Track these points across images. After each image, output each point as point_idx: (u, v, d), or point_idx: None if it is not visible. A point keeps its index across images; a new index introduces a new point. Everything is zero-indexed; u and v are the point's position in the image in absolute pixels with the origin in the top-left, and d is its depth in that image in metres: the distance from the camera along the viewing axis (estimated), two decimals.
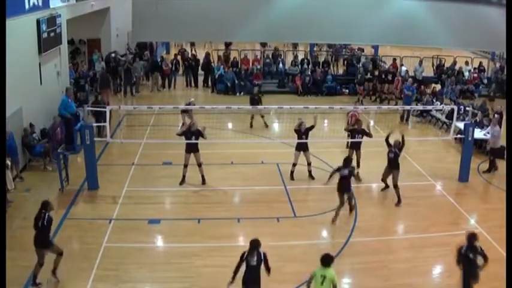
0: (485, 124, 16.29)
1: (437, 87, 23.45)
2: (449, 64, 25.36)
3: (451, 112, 15.74)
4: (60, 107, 15.55)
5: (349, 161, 11.79)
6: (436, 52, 26.18)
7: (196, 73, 24.61)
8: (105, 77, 20.96)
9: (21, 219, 11.13)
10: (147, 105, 17.01)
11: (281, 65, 25.15)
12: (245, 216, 11.57)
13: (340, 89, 23.73)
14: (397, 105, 20.54)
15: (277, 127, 18.61)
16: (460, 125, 15.40)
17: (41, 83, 15.37)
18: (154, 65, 23.95)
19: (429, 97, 19.90)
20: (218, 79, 23.53)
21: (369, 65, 24.18)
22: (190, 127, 13.05)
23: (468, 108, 17.86)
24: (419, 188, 13.44)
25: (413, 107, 18.69)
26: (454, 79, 23.38)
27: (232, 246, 10.12)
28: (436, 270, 9.80)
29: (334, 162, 13.98)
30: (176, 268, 9.59)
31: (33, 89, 14.69)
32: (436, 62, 26.01)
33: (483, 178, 14.30)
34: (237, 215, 11.65)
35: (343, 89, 23.73)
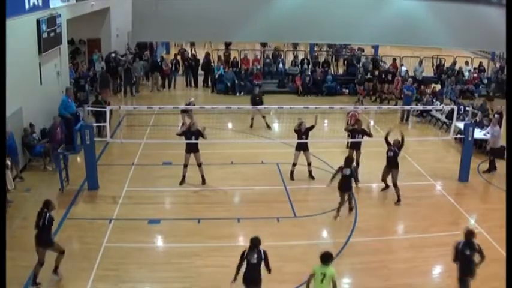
0: (485, 124, 16.29)
1: (437, 87, 23.45)
2: (449, 64, 25.36)
3: (451, 112, 15.74)
4: (60, 107, 15.57)
5: (350, 161, 11.93)
6: (436, 52, 26.17)
7: (196, 73, 24.61)
8: (105, 76, 21.00)
9: (21, 219, 11.14)
10: (147, 105, 17.02)
11: (281, 65, 25.15)
12: (245, 216, 11.57)
13: (340, 89, 23.73)
14: (397, 105, 20.53)
15: (277, 127, 18.60)
16: (460, 125, 15.40)
17: (41, 83, 15.37)
18: (154, 65, 23.96)
19: (429, 97, 19.90)
20: (218, 79, 23.53)
21: (369, 65, 24.17)
22: (190, 127, 13.05)
23: (468, 108, 17.86)
24: (419, 188, 13.44)
25: (413, 107, 18.69)
26: (454, 79, 23.39)
27: (232, 246, 10.12)
28: (436, 270, 9.80)
29: (334, 162, 14.01)
30: (176, 268, 9.59)
31: (33, 89, 14.69)
32: (436, 62, 26.01)
33: (483, 178, 14.30)
34: (237, 215, 11.65)
35: (343, 89, 23.73)
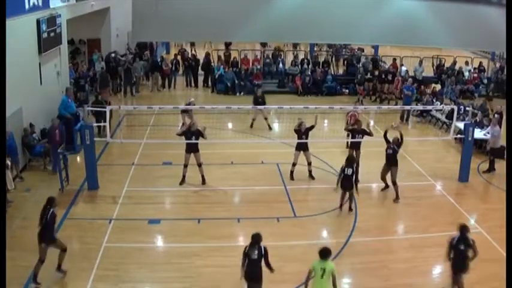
0: (485, 124, 16.29)
1: (437, 87, 23.45)
2: (449, 64, 25.35)
3: (451, 112, 15.73)
4: (60, 107, 15.56)
5: (352, 160, 12.05)
6: (436, 52, 26.16)
7: (196, 73, 24.61)
8: (105, 76, 21.00)
9: (21, 219, 11.15)
10: (147, 105, 17.01)
11: (281, 65, 25.15)
12: (245, 216, 11.56)
13: (340, 89, 23.73)
14: (397, 105, 20.52)
15: (277, 127, 18.59)
16: (460, 125, 15.40)
17: (41, 83, 15.38)
18: (154, 65, 23.96)
19: (429, 97, 19.89)
20: (218, 79, 23.53)
21: (369, 65, 24.17)
22: (190, 127, 13.05)
23: (468, 108, 17.84)
24: (419, 188, 13.44)
25: (413, 107, 18.68)
26: (454, 79, 23.38)
27: (232, 246, 10.14)
28: (436, 270, 9.78)
29: (334, 162, 14.05)
30: (176, 268, 9.59)
31: (33, 89, 14.70)
32: (436, 62, 25.99)
33: (483, 178, 14.29)
34: (237, 215, 11.65)
35: (343, 89, 23.73)
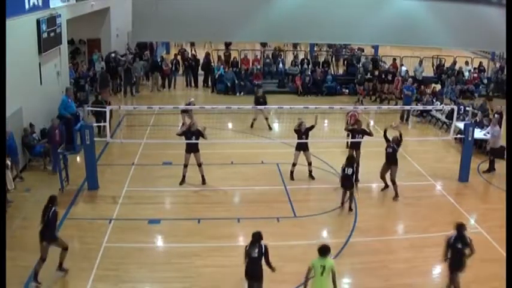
0: (485, 124, 16.28)
1: (437, 87, 23.44)
2: (449, 64, 25.34)
3: (451, 112, 15.73)
4: (60, 107, 15.56)
5: (352, 159, 12.12)
6: (436, 52, 26.16)
7: (196, 73, 24.61)
8: (105, 76, 21.01)
9: (21, 219, 11.15)
10: (147, 105, 17.02)
11: (281, 65, 25.14)
12: (245, 216, 11.56)
13: (340, 89, 23.72)
14: (397, 105, 20.52)
15: (277, 127, 18.59)
16: (460, 125, 15.40)
17: (41, 83, 15.38)
18: (154, 65, 23.96)
19: (429, 97, 19.89)
20: (218, 79, 23.53)
21: (369, 65, 24.16)
22: (190, 127, 13.05)
23: (468, 108, 17.84)
24: (419, 188, 13.44)
25: (413, 107, 18.68)
26: (454, 79, 23.38)
27: (232, 246, 10.15)
28: (436, 270, 9.77)
29: (334, 162, 14.06)
30: (176, 268, 9.59)
31: (33, 89, 14.70)
32: (436, 62, 25.99)
33: (483, 178, 14.29)
34: (237, 215, 11.65)
35: (343, 89, 23.73)
